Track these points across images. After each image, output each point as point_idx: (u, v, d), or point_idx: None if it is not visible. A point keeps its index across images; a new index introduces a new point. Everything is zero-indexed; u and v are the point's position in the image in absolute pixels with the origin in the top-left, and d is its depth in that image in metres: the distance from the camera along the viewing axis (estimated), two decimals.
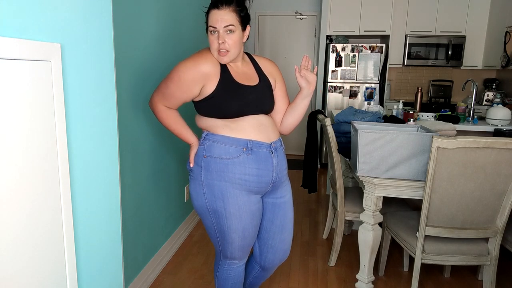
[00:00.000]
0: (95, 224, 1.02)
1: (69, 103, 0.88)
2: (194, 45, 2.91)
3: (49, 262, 0.83)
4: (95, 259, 1.03)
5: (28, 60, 0.74)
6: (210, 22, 1.40)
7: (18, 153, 0.72)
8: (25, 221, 0.76)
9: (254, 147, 1.44)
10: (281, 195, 1.60)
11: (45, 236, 0.81)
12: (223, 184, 1.44)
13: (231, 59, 1.45)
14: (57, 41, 0.83)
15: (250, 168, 1.44)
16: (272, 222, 1.60)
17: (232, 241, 1.52)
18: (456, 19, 4.80)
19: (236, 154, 1.42)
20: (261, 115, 1.50)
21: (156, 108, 1.52)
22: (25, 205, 0.75)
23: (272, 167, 1.49)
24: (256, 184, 1.47)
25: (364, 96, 4.68)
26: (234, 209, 1.45)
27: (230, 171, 1.43)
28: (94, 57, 0.97)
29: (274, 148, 1.50)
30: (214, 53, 1.44)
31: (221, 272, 1.63)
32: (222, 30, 1.38)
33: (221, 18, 1.37)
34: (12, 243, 0.73)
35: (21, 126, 0.73)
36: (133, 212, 2.01)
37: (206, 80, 1.42)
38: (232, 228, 1.48)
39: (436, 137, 1.74)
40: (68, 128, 0.88)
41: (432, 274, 2.41)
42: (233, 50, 1.42)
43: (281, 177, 1.56)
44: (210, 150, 1.45)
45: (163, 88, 1.48)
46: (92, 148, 0.99)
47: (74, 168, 0.92)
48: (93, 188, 1.00)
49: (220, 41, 1.39)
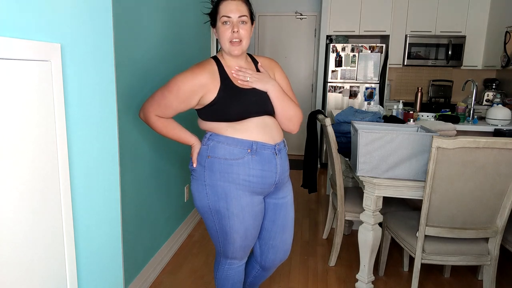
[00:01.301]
0: (95, 224, 1.02)
1: (69, 103, 0.88)
2: (194, 45, 2.91)
3: (49, 262, 0.83)
4: (95, 259, 1.03)
5: (28, 60, 0.74)
6: (224, 12, 1.40)
7: (18, 153, 0.72)
8: (25, 221, 0.76)
9: (258, 148, 1.44)
10: (283, 196, 1.60)
11: (45, 236, 0.81)
12: (227, 185, 1.44)
13: (243, 51, 1.45)
14: (57, 41, 0.83)
15: (255, 169, 1.43)
16: (274, 222, 1.60)
17: (234, 242, 1.52)
18: (456, 19, 4.80)
19: (240, 155, 1.42)
20: (265, 116, 1.49)
21: (150, 119, 1.48)
22: (25, 205, 0.75)
23: (276, 168, 1.49)
24: (260, 186, 1.47)
25: (364, 96, 4.68)
26: (237, 210, 1.45)
27: (234, 172, 1.43)
28: (94, 57, 0.97)
29: (278, 149, 1.50)
30: (226, 44, 1.43)
31: (221, 272, 1.63)
32: (236, 20, 1.39)
33: (236, 8, 1.38)
34: (12, 243, 0.73)
35: (21, 126, 0.73)
36: (133, 212, 2.01)
37: (205, 90, 1.42)
38: (234, 229, 1.48)
39: (436, 137, 1.74)
40: (68, 128, 0.88)
41: (432, 274, 2.41)
42: (245, 41, 1.43)
43: (284, 178, 1.56)
44: (214, 150, 1.45)
45: (159, 99, 1.45)
46: (92, 148, 0.99)
47: (74, 168, 0.92)
48: (93, 188, 1.00)
49: (235, 29, 1.39)
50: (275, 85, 1.46)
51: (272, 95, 1.46)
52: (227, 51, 1.44)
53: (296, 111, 1.53)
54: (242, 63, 1.51)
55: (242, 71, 1.45)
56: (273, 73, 1.58)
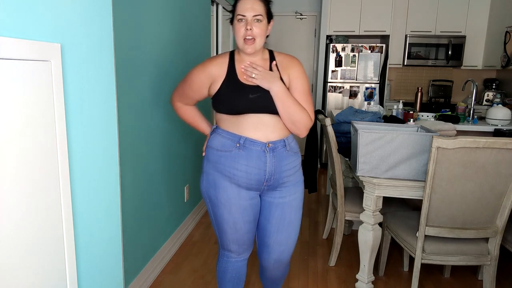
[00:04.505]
0: (95, 224, 1.02)
1: (69, 103, 0.88)
2: (194, 45, 2.91)
3: (49, 262, 0.83)
4: (95, 259, 1.03)
5: (28, 60, 0.74)
6: (239, 11, 1.45)
7: (18, 153, 0.72)
8: (25, 221, 0.76)
9: (246, 144, 1.47)
10: (280, 196, 1.58)
11: (45, 236, 0.81)
12: (216, 174, 1.54)
13: (256, 49, 1.48)
14: (57, 41, 0.83)
15: (240, 163, 1.49)
16: (268, 220, 1.60)
17: (225, 232, 1.59)
18: (456, 19, 4.80)
19: (229, 148, 1.50)
20: (265, 114, 1.48)
21: (175, 105, 1.70)
22: (25, 205, 0.75)
23: (266, 166, 1.49)
24: (244, 180, 1.50)
25: (364, 96, 4.68)
26: (224, 200, 1.54)
27: (222, 163, 1.51)
28: (94, 57, 0.97)
29: (270, 148, 1.49)
30: (240, 42, 1.47)
31: (220, 264, 1.69)
32: (251, 18, 1.43)
33: (251, 7, 1.43)
34: (12, 244, 0.73)
35: (21, 126, 0.73)
36: (133, 212, 2.01)
37: (211, 81, 1.53)
38: (223, 218, 1.56)
39: (436, 137, 1.74)
40: (68, 128, 0.88)
41: (432, 274, 2.41)
42: (259, 39, 1.46)
43: (280, 178, 1.54)
44: (211, 141, 1.56)
45: (179, 89, 1.66)
46: (92, 148, 0.99)
47: (74, 168, 0.92)
48: (93, 188, 1.00)
49: (248, 27, 1.43)
50: (279, 87, 1.46)
51: (274, 96, 1.46)
52: (241, 48, 1.49)
53: (302, 116, 1.49)
54: (257, 60, 1.53)
55: (250, 68, 1.48)
56: (288, 73, 1.53)
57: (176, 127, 2.58)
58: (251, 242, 1.66)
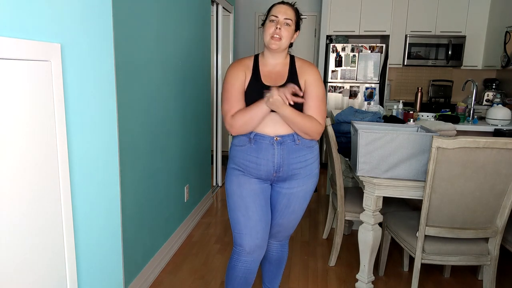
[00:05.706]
0: (95, 224, 1.02)
1: (69, 103, 0.88)
2: (194, 45, 2.91)
3: (49, 262, 0.83)
4: (95, 259, 1.03)
5: (28, 60, 0.74)
6: (273, 12, 1.63)
7: (18, 153, 0.72)
8: (25, 221, 0.76)
9: (256, 138, 1.63)
10: (289, 187, 1.70)
11: (45, 236, 0.81)
12: (232, 166, 1.70)
13: (280, 48, 1.63)
14: (57, 41, 0.83)
15: (251, 155, 1.64)
16: (274, 207, 1.76)
17: (238, 221, 1.67)
18: (456, 19, 4.80)
19: (243, 143, 1.66)
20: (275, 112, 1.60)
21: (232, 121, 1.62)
22: (25, 205, 0.75)
23: (274, 158, 1.62)
24: (254, 170, 1.65)
25: (364, 96, 4.68)
26: (235, 187, 1.67)
27: (238, 157, 1.68)
28: (94, 57, 0.98)
29: (278, 141, 1.62)
30: (267, 38, 1.62)
31: (231, 261, 1.74)
32: (282, 20, 1.61)
33: (284, 11, 1.62)
34: (12, 244, 0.73)
35: (21, 126, 0.73)
36: (133, 212, 2.01)
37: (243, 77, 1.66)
38: (236, 205, 1.67)
39: (436, 137, 1.74)
40: (68, 128, 0.88)
41: (432, 274, 2.41)
42: (285, 40, 1.62)
43: (289, 170, 1.65)
44: (234, 139, 1.72)
45: (225, 99, 1.66)
46: (92, 148, 0.99)
47: (74, 168, 0.92)
48: (93, 188, 1.00)
49: (278, 26, 1.60)
50: (285, 111, 1.57)
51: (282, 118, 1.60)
52: (267, 44, 1.63)
53: (311, 126, 1.61)
54: (278, 63, 1.68)
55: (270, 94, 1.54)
56: (305, 78, 1.66)
57: (176, 127, 2.58)
58: (264, 239, 1.69)
